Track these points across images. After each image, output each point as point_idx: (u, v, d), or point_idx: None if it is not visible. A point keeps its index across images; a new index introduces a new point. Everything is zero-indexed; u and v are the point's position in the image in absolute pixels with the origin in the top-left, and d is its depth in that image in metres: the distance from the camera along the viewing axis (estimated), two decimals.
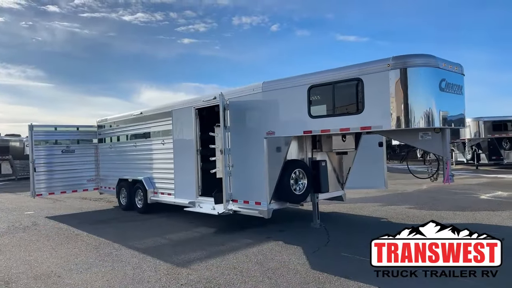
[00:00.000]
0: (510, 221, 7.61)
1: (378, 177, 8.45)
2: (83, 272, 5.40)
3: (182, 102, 9.06)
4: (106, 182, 12.00)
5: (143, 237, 7.40)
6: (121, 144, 11.27)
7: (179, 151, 8.96)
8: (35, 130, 11.22)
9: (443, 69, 5.59)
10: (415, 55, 5.47)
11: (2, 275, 5.40)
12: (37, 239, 7.58)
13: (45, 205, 12.53)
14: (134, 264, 5.66)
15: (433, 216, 8.24)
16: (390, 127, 5.49)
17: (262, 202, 6.97)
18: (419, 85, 5.45)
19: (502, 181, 14.84)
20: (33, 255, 6.37)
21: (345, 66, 6.01)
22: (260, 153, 6.97)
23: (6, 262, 6.02)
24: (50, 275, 5.31)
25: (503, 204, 9.44)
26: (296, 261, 5.45)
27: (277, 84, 6.85)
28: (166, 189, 9.43)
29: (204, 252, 6.15)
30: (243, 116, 7.25)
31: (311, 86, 6.28)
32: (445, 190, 12.54)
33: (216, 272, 5.15)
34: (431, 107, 5.45)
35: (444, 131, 5.72)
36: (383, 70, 5.51)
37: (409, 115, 5.44)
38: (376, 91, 5.57)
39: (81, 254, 6.31)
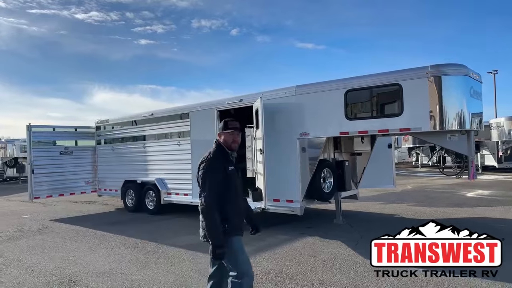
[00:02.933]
0: (509, 214, 8.48)
1: (387, 176, 9.09)
2: (143, 269, 5.48)
3: (201, 104, 9.22)
4: (107, 184, 11.81)
5: (176, 235, 7.49)
6: (127, 145, 11.14)
7: (198, 152, 9.05)
8: (33, 130, 10.85)
9: (472, 77, 6.27)
10: (451, 64, 6.10)
11: (59, 274, 5.35)
12: (63, 240, 7.44)
13: (37, 209, 12.10)
14: (190, 260, 5.80)
15: (438, 212, 8.99)
16: (428, 129, 6.06)
17: (294, 200, 7.33)
18: (454, 91, 6.07)
19: (472, 182, 16.15)
20: (74, 255, 6.30)
21: (382, 73, 6.53)
22: (293, 153, 7.34)
23: (51, 262, 5.93)
24: (112, 272, 5.34)
25: (492, 201, 10.43)
26: (346, 253, 5.85)
27: (311, 88, 7.25)
28: (182, 189, 9.51)
29: (250, 247, 6.33)
30: (274, 117, 7.56)
31: (348, 90, 6.74)
32: (430, 189, 13.53)
33: (278, 264, 5.43)
34: (464, 111, 6.09)
35: (469, 132, 6.36)
36: (422, 77, 6.08)
37: (444, 118, 6.04)
38: (415, 96, 6.13)
39: (126, 253, 6.33)
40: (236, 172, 3.26)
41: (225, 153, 3.23)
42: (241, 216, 3.31)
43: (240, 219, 3.29)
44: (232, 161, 3.27)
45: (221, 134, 3.28)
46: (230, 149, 3.26)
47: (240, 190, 3.28)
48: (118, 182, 11.14)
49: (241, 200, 3.33)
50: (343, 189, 7.84)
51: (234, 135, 3.26)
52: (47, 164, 11.11)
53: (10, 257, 6.34)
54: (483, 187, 13.43)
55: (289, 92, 7.49)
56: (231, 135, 3.25)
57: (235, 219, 3.17)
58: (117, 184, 11.17)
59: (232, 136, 3.25)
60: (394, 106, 6.40)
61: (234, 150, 3.29)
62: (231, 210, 3.14)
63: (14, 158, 24.39)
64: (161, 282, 4.89)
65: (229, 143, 3.24)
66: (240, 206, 3.28)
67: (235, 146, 3.28)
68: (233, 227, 3.15)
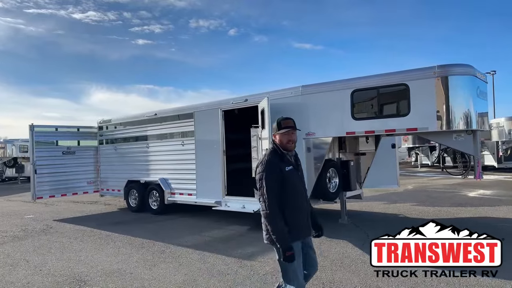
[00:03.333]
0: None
1: (391, 176, 9.13)
2: (152, 268, 5.48)
3: (205, 104, 9.22)
4: (109, 184, 11.79)
5: (182, 235, 7.49)
6: (130, 145, 11.13)
7: (202, 152, 9.09)
8: (36, 130, 10.83)
9: (478, 78, 6.30)
10: (458, 65, 6.13)
11: (68, 274, 5.34)
12: (68, 241, 7.42)
13: (39, 209, 12.06)
14: (198, 259, 5.81)
15: (442, 211, 9.03)
16: (435, 129, 6.09)
17: None
18: (461, 91, 6.10)
19: (473, 181, 16.21)
20: (81, 255, 6.29)
21: (389, 73, 6.56)
22: (299, 153, 7.31)
23: (59, 262, 5.92)
24: (121, 272, 5.33)
25: (495, 201, 10.47)
26: (354, 253, 5.88)
27: (317, 88, 7.27)
28: (185, 189, 9.51)
29: (257, 248, 6.40)
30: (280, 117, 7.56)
31: (355, 90, 6.76)
32: (431, 189, 13.58)
33: None
34: (470, 111, 6.12)
35: (475, 132, 6.39)
36: (429, 77, 6.10)
37: (450, 118, 6.07)
38: (421, 96, 6.15)
39: (133, 253, 6.33)
40: (296, 172, 3.17)
41: (280, 154, 3.14)
42: (301, 218, 3.15)
43: (300, 221, 3.13)
44: (290, 161, 3.16)
45: (275, 135, 3.19)
46: (286, 149, 3.16)
47: (300, 191, 3.17)
48: (121, 182, 11.13)
49: (303, 201, 3.18)
50: (348, 189, 7.86)
51: (289, 134, 3.14)
52: (49, 164, 11.09)
53: (17, 257, 6.33)
54: (484, 187, 13.48)
55: (295, 92, 7.51)
56: (285, 135, 3.14)
57: (294, 222, 3.06)
58: (120, 184, 11.15)
59: (287, 135, 3.14)
60: (401, 106, 6.42)
61: (291, 150, 3.19)
62: (290, 212, 3.05)
63: (13, 158, 24.32)
64: (171, 282, 4.89)
65: (284, 143, 3.14)
66: (301, 208, 3.15)
67: (291, 146, 3.17)
68: (291, 231, 3.03)
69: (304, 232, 3.18)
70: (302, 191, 3.20)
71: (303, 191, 3.22)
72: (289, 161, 3.15)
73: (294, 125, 3.20)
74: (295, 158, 3.28)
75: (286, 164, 3.11)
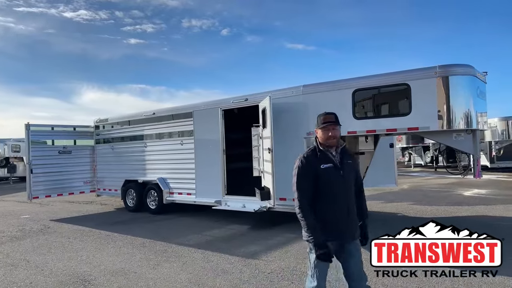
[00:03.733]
0: (509, 212, 8.64)
1: (389, 175, 9.21)
2: (156, 267, 5.46)
3: (204, 103, 9.20)
4: (106, 183, 11.71)
5: (182, 235, 7.46)
6: (128, 144, 11.05)
7: (202, 151, 9.07)
8: (32, 130, 10.71)
9: (478, 78, 6.38)
10: (458, 65, 6.20)
11: (71, 273, 5.30)
12: (68, 240, 7.36)
13: (34, 209, 11.94)
14: (201, 258, 5.80)
15: (439, 210, 9.12)
16: (437, 128, 6.15)
17: None
18: (461, 91, 6.17)
19: (466, 181, 16.40)
20: (82, 255, 6.25)
21: (390, 72, 6.61)
22: (300, 152, 7.35)
23: (60, 262, 5.87)
24: (125, 272, 5.31)
25: (491, 200, 10.61)
26: None
27: (318, 87, 7.30)
28: (184, 189, 9.49)
29: (260, 246, 6.42)
30: (281, 117, 7.59)
31: (356, 90, 6.80)
32: (427, 189, 13.71)
33: (291, 262, 5.46)
34: (471, 111, 6.20)
35: (474, 132, 6.47)
36: (430, 77, 6.16)
37: (451, 117, 6.14)
38: (423, 95, 6.21)
39: (135, 253, 6.30)
40: (335, 170, 2.97)
41: (319, 150, 3.02)
42: (336, 218, 2.97)
43: (333, 222, 2.97)
44: (330, 159, 2.99)
45: (316, 130, 3.08)
46: (327, 146, 3.02)
47: (339, 190, 2.97)
48: (118, 182, 11.06)
49: (341, 201, 2.98)
50: None
51: (328, 129, 2.99)
52: (45, 164, 10.98)
53: (17, 257, 6.26)
54: (479, 186, 13.65)
55: (296, 92, 7.53)
56: (325, 130, 2.99)
57: (325, 222, 2.95)
58: (117, 184, 11.09)
59: (327, 131, 2.99)
60: (402, 106, 6.48)
61: (332, 145, 3.01)
62: (321, 211, 2.96)
63: (5, 158, 24.01)
64: (176, 281, 4.88)
65: (324, 139, 3.01)
66: (337, 208, 2.97)
67: (332, 142, 3.00)
68: (325, 229, 2.94)
69: (339, 235, 2.99)
70: (342, 191, 2.98)
71: (345, 191, 3.00)
72: (328, 159, 3.00)
73: (335, 120, 3.04)
74: (342, 155, 3.05)
75: (324, 162, 2.97)
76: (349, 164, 3.06)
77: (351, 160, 3.10)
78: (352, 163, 3.10)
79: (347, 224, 3.00)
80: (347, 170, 3.02)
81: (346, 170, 3.01)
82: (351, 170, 3.07)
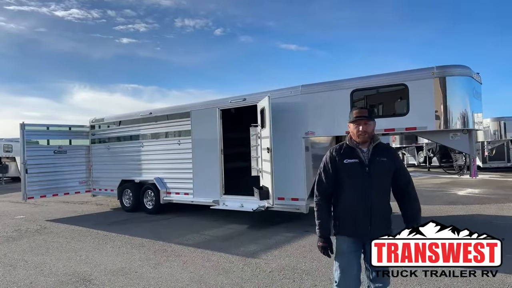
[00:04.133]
0: (503, 211, 8.77)
1: None
2: (156, 267, 5.46)
3: (202, 103, 9.20)
4: (102, 184, 11.66)
5: (181, 234, 7.46)
6: (124, 144, 11.01)
7: (199, 151, 9.08)
8: (26, 129, 10.63)
9: (474, 79, 6.49)
10: (455, 66, 6.30)
11: (71, 273, 5.28)
12: (66, 240, 7.32)
13: (29, 209, 11.84)
14: (201, 258, 5.81)
15: (436, 210, 9.22)
16: (434, 128, 6.24)
17: (300, 198, 7.42)
18: (458, 91, 6.28)
19: (459, 180, 16.60)
20: (81, 255, 6.22)
21: (389, 73, 6.68)
22: (298, 152, 7.43)
23: (59, 262, 5.84)
24: (125, 271, 5.30)
25: (484, 199, 10.75)
26: None
27: (317, 87, 7.35)
28: (181, 188, 9.49)
29: (259, 245, 6.44)
30: (279, 116, 7.62)
31: (354, 90, 6.87)
32: (421, 188, 13.83)
33: (291, 261, 5.50)
34: (467, 111, 6.30)
35: (471, 132, 6.58)
36: (427, 78, 6.26)
37: (448, 117, 6.23)
38: (420, 96, 6.30)
39: (134, 252, 6.29)
40: (360, 166, 2.86)
41: (346, 145, 2.95)
42: (354, 214, 2.89)
43: (351, 218, 2.91)
44: (356, 154, 2.89)
45: (349, 125, 3.00)
46: (358, 141, 2.93)
47: (361, 187, 2.85)
48: (114, 182, 11.01)
49: (362, 197, 2.86)
50: None
51: (359, 124, 2.89)
52: (40, 164, 10.90)
53: (15, 257, 6.22)
54: (472, 186, 13.83)
55: (294, 92, 7.58)
56: (355, 125, 2.91)
57: (343, 217, 2.92)
58: (114, 184, 11.04)
59: (358, 125, 2.89)
60: (400, 106, 6.56)
61: (364, 141, 2.91)
62: (342, 206, 2.93)
63: None
64: (178, 280, 4.89)
65: (355, 133, 2.92)
66: (356, 204, 2.87)
67: (363, 137, 2.89)
68: (342, 225, 2.93)
69: (356, 234, 2.94)
70: (365, 189, 2.85)
71: (369, 189, 2.85)
72: (354, 154, 2.90)
73: (367, 115, 2.94)
74: (375, 152, 2.91)
75: (348, 157, 2.89)
76: (382, 162, 2.88)
77: (386, 158, 2.90)
78: (387, 161, 2.90)
79: (368, 224, 2.88)
80: (376, 168, 2.86)
81: (374, 167, 2.86)
82: (383, 168, 2.89)
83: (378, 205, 2.90)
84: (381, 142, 3.00)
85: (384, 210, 2.94)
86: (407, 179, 3.02)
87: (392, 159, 2.96)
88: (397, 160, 3.01)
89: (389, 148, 3.11)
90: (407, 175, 3.03)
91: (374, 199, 2.88)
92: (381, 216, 2.93)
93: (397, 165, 2.96)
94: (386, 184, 2.93)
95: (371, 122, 2.93)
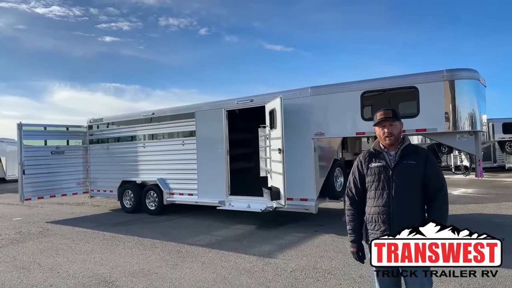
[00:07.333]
0: (501, 210, 9.05)
1: None
2: (175, 267, 5.45)
3: (207, 104, 9.19)
4: (100, 184, 11.51)
5: (191, 235, 7.45)
6: (125, 145, 10.90)
7: (204, 152, 9.06)
8: (24, 129, 10.42)
9: (480, 82, 6.69)
10: (465, 69, 6.48)
11: (89, 275, 5.22)
12: (73, 242, 7.23)
13: (24, 211, 11.63)
14: (219, 258, 5.82)
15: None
16: (444, 130, 6.41)
17: (309, 198, 7.49)
18: (467, 94, 6.46)
19: (450, 180, 16.99)
20: (95, 257, 6.16)
21: (399, 75, 6.83)
22: (308, 152, 7.51)
23: (74, 264, 5.77)
24: (145, 272, 5.28)
25: (479, 198, 11.06)
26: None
27: (326, 89, 7.44)
28: (186, 189, 9.45)
29: (273, 246, 6.49)
30: (288, 118, 7.67)
31: (365, 92, 6.99)
32: None
33: (310, 261, 5.56)
34: (475, 113, 6.49)
35: (477, 133, 6.77)
36: (437, 80, 6.42)
37: (457, 119, 6.41)
38: (430, 98, 6.46)
39: (148, 253, 6.26)
40: (384, 169, 2.75)
41: (373, 149, 2.87)
42: (381, 219, 2.78)
43: (378, 222, 2.81)
44: (382, 157, 2.79)
45: (375, 128, 2.89)
46: (384, 144, 2.82)
47: (389, 191, 2.74)
48: (114, 183, 10.89)
49: (390, 203, 2.74)
50: None
51: (385, 125, 2.77)
52: (38, 165, 10.70)
53: (26, 260, 6.11)
54: (465, 186, 14.20)
55: (303, 93, 7.65)
56: (381, 127, 2.79)
57: (371, 220, 2.84)
58: (113, 185, 10.91)
59: (383, 127, 2.77)
60: (411, 108, 6.70)
61: (390, 144, 2.78)
62: (369, 211, 2.86)
63: None
64: (201, 281, 4.89)
65: (381, 137, 2.80)
66: (385, 208, 2.75)
67: (389, 139, 2.77)
68: (368, 231, 2.89)
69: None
70: (389, 192, 2.74)
71: (393, 193, 2.73)
72: (380, 157, 2.81)
73: (392, 116, 2.77)
74: (403, 154, 2.77)
75: (374, 161, 2.82)
76: (410, 165, 2.72)
77: (415, 162, 2.73)
78: (415, 165, 2.72)
79: (392, 229, 2.77)
80: (402, 172, 2.72)
81: (399, 171, 2.72)
82: (410, 172, 2.72)
83: (400, 211, 2.74)
84: (411, 144, 2.84)
85: (406, 216, 2.75)
86: (438, 187, 2.77)
87: (422, 162, 2.74)
88: (429, 163, 2.75)
89: (420, 150, 2.83)
90: (439, 182, 2.77)
91: (400, 204, 2.73)
92: (403, 222, 2.74)
93: (427, 169, 2.74)
94: (412, 189, 2.74)
95: (396, 123, 2.78)
